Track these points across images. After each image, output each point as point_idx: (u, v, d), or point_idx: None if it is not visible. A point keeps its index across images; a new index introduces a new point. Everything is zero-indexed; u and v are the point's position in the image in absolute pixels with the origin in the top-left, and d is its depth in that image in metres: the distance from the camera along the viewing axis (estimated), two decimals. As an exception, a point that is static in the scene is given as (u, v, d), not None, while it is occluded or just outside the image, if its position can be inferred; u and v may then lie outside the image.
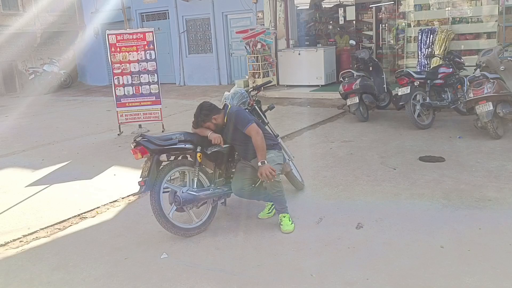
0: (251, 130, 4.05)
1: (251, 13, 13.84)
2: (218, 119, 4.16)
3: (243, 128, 4.06)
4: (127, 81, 8.46)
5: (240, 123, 4.10)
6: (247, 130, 4.05)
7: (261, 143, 4.02)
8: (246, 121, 4.08)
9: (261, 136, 4.04)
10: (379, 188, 5.00)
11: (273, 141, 4.37)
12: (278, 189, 4.15)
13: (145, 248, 3.96)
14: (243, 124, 4.08)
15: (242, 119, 4.11)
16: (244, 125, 4.07)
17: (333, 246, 3.78)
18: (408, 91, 7.35)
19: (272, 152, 4.21)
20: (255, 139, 4.02)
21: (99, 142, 8.30)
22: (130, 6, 16.03)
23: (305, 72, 12.05)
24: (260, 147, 4.02)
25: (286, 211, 4.22)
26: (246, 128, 4.05)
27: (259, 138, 4.02)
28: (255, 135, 4.03)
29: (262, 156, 4.01)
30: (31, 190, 5.78)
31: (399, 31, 11.62)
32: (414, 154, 6.11)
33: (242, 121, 4.09)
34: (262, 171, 3.94)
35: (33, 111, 12.58)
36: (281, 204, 4.20)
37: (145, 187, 3.86)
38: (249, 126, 4.06)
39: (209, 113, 4.16)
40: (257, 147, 4.01)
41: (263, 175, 3.94)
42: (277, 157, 4.26)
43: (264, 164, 3.97)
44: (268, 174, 3.93)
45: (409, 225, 4.04)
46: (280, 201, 4.20)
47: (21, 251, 4.10)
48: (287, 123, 8.58)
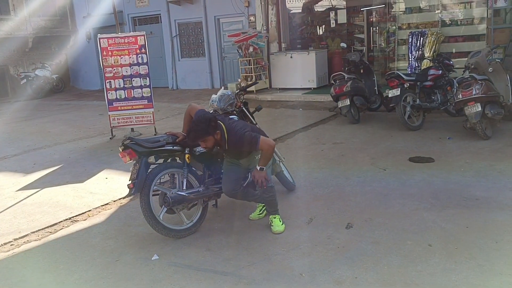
0: (263, 145, 3.84)
1: (243, 17, 13.90)
2: (218, 136, 3.86)
3: (256, 148, 3.87)
4: (119, 85, 8.47)
5: (250, 144, 3.86)
6: (260, 147, 3.85)
7: (271, 154, 3.95)
8: (255, 140, 3.82)
9: (273, 147, 3.92)
10: (369, 189, 5.05)
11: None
12: (271, 193, 4.18)
13: (136, 250, 3.98)
14: (253, 144, 3.84)
15: (250, 140, 3.84)
16: (255, 144, 3.83)
17: (323, 245, 3.81)
18: (398, 93, 7.41)
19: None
20: (269, 152, 3.88)
21: (91, 146, 8.29)
22: (123, 10, 16.06)
23: (297, 75, 12.12)
24: (269, 157, 3.93)
25: (277, 212, 4.24)
26: (258, 146, 3.84)
27: (271, 151, 3.90)
28: (267, 148, 3.85)
29: (264, 163, 3.90)
30: (22, 194, 5.77)
31: (390, 34, 11.72)
32: (404, 155, 6.17)
33: (251, 142, 3.84)
34: (257, 177, 3.87)
35: (24, 115, 12.53)
36: (273, 207, 4.23)
37: (134, 190, 3.88)
38: (260, 142, 3.82)
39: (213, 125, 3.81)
40: (267, 157, 3.89)
41: (257, 181, 3.88)
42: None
43: (262, 170, 3.89)
44: (263, 181, 3.87)
45: (398, 224, 4.09)
46: (271, 204, 4.22)
47: (12, 254, 4.09)
48: (279, 126, 8.62)
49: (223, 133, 3.85)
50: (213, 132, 3.78)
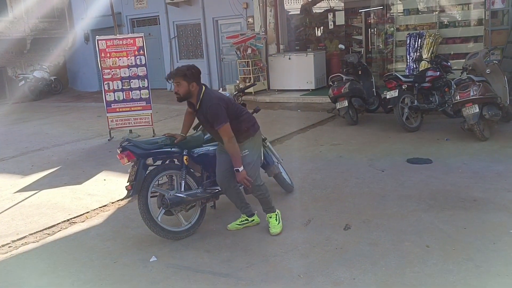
0: (223, 132, 3.82)
1: (241, 18, 13.90)
2: (194, 88, 3.87)
3: (215, 125, 3.82)
4: (117, 87, 8.47)
5: (213, 118, 3.83)
6: (220, 130, 3.82)
7: (233, 150, 3.83)
8: (220, 120, 3.80)
9: (233, 142, 3.83)
10: (367, 190, 5.06)
11: (250, 123, 4.10)
12: (261, 192, 4.11)
13: (134, 252, 3.98)
14: (216, 121, 3.81)
15: (215, 114, 3.82)
16: (217, 122, 3.81)
17: (321, 247, 3.82)
18: (396, 94, 7.43)
19: (246, 145, 4.02)
20: (227, 146, 3.83)
21: (89, 147, 8.29)
22: (121, 12, 16.05)
23: (295, 76, 12.13)
24: (233, 153, 3.84)
25: (272, 210, 4.19)
26: (219, 128, 3.81)
27: (231, 145, 3.82)
28: (226, 142, 3.82)
29: (237, 163, 3.85)
30: (20, 196, 5.76)
31: (388, 35, 11.76)
32: (402, 156, 6.18)
33: (216, 117, 3.81)
34: (238, 179, 3.90)
35: (22, 117, 12.52)
36: (266, 204, 4.19)
37: (132, 191, 3.89)
38: (222, 126, 3.81)
39: (194, 74, 3.87)
40: (231, 154, 3.85)
41: (241, 182, 3.91)
42: (251, 155, 4.04)
43: (238, 172, 3.85)
44: (246, 182, 3.86)
45: (396, 226, 4.10)
46: (264, 202, 4.18)
47: (10, 256, 4.09)
48: (277, 127, 8.63)
49: (200, 93, 3.88)
50: (189, 79, 3.82)
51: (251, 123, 4.11)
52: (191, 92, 3.87)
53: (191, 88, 3.86)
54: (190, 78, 3.83)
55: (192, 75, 3.85)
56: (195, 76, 3.87)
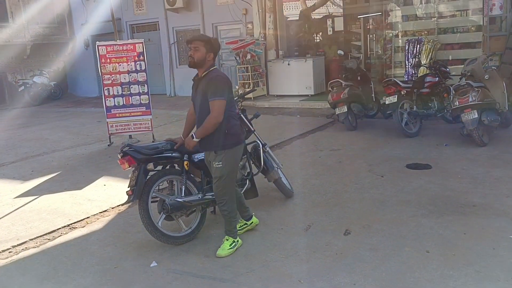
0: (215, 107, 3.60)
1: (240, 24, 13.96)
2: (209, 59, 3.74)
3: (210, 96, 3.61)
4: (117, 92, 8.50)
5: (213, 88, 3.62)
6: (212, 103, 3.60)
7: (210, 127, 3.65)
8: (218, 93, 3.60)
9: (216, 123, 3.63)
10: (367, 195, 5.07)
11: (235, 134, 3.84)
12: (227, 209, 3.88)
13: (134, 257, 3.98)
14: (214, 93, 3.61)
15: (217, 86, 3.63)
16: (214, 94, 3.60)
17: (321, 252, 3.82)
18: (395, 100, 7.47)
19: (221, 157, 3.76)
20: (209, 120, 3.62)
21: (89, 153, 8.30)
22: (121, 17, 16.10)
23: (294, 82, 12.17)
24: (207, 129, 3.67)
25: (233, 235, 3.93)
26: (213, 100, 3.60)
27: (212, 122, 3.62)
28: (213, 117, 3.61)
29: (199, 132, 3.72)
30: (20, 201, 5.76)
31: (386, 41, 11.81)
32: (402, 161, 6.20)
33: (215, 89, 3.62)
34: (187, 142, 3.82)
35: (22, 122, 12.52)
36: (230, 226, 3.95)
37: (133, 196, 3.90)
38: (218, 100, 3.59)
39: (215, 47, 3.77)
40: (205, 127, 3.67)
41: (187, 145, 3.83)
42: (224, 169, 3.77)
43: (191, 138, 3.75)
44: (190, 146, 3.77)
45: (396, 231, 4.11)
46: (228, 222, 3.94)
47: (10, 261, 4.09)
48: (277, 133, 8.65)
49: (212, 66, 3.78)
50: (209, 48, 3.72)
51: (236, 134, 3.85)
52: (205, 62, 3.73)
53: (207, 58, 3.73)
54: (210, 48, 3.73)
55: (213, 46, 3.76)
56: (215, 49, 3.78)
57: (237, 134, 3.86)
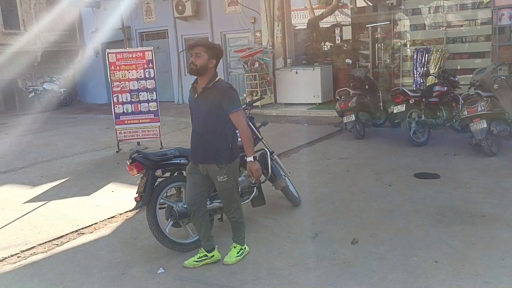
0: (239, 117, 3.52)
1: (249, 33, 14.03)
2: (212, 66, 3.60)
3: (232, 108, 3.50)
4: (126, 99, 8.56)
5: (230, 100, 3.51)
6: (236, 114, 3.51)
7: (250, 135, 3.56)
8: (238, 104, 3.53)
9: (248, 131, 3.57)
10: (375, 204, 5.05)
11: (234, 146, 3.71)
12: (236, 216, 3.86)
13: (142, 263, 3.99)
14: (233, 104, 3.51)
15: (233, 96, 3.54)
16: (234, 106, 3.51)
17: (329, 261, 3.81)
18: (404, 109, 7.45)
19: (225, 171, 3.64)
20: (245, 129, 3.52)
21: (97, 159, 8.35)
22: (130, 25, 16.25)
23: (302, 90, 12.19)
24: (249, 139, 3.54)
25: (241, 242, 3.93)
26: (236, 111, 3.50)
27: (247, 130, 3.55)
28: (245, 125, 3.53)
29: (250, 150, 3.57)
30: (29, 207, 5.81)
31: (395, 50, 11.81)
32: (410, 171, 6.17)
33: (233, 100, 3.52)
34: (253, 169, 3.59)
35: (32, 128, 12.64)
36: (238, 232, 3.91)
37: (141, 203, 3.92)
38: (239, 110, 3.53)
39: (218, 53, 3.63)
40: (246, 139, 3.53)
41: (253, 173, 3.61)
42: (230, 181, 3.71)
43: (254, 161, 3.59)
44: (258, 174, 3.60)
45: (404, 240, 4.09)
46: (237, 228, 3.91)
47: (19, 266, 4.12)
48: (284, 141, 8.66)
49: (214, 75, 3.61)
50: (212, 54, 3.57)
51: (237, 148, 3.76)
52: (207, 69, 3.58)
53: (209, 64, 3.58)
54: (212, 54, 3.59)
55: (216, 52, 3.62)
56: (217, 55, 3.64)
57: (237, 148, 3.77)
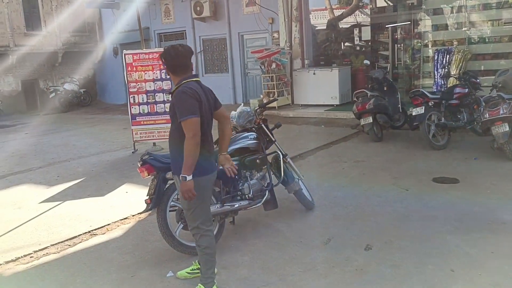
0: (188, 126, 2.99)
1: (266, 33, 13.99)
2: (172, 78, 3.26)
3: (180, 116, 3.02)
4: (143, 100, 8.60)
5: (178, 107, 3.04)
6: (184, 123, 3.00)
7: (192, 151, 2.99)
8: (187, 111, 2.99)
9: (195, 142, 2.99)
10: (390, 209, 4.93)
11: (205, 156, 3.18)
12: (202, 245, 3.24)
13: (152, 266, 3.96)
14: (183, 112, 3.01)
15: (182, 103, 3.02)
16: (182, 113, 3.01)
17: (341, 267, 3.72)
18: (423, 111, 7.29)
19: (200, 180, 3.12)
20: (188, 143, 2.98)
21: (113, 159, 8.40)
22: (149, 26, 16.40)
23: (320, 91, 12.07)
24: (190, 155, 2.98)
25: (206, 283, 3.28)
26: (184, 119, 3.00)
27: (192, 143, 2.98)
28: (190, 138, 2.97)
29: (187, 168, 2.99)
30: (44, 206, 5.86)
31: (415, 51, 11.59)
32: (428, 175, 6.01)
33: (181, 106, 3.02)
34: (183, 188, 3.04)
35: (52, 128, 12.84)
36: (205, 266, 3.30)
37: (152, 205, 3.90)
38: (189, 118, 2.98)
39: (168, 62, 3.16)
40: (186, 154, 2.99)
41: (183, 194, 3.07)
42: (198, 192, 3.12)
43: (185, 180, 3.00)
44: (188, 195, 3.05)
45: (420, 248, 3.96)
46: (204, 262, 3.30)
47: (31, 266, 4.14)
48: (300, 143, 8.57)
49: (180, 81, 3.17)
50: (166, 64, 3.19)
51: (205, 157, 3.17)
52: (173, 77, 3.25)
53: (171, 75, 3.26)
54: (166, 64, 3.20)
55: (166, 62, 3.20)
56: (170, 66, 3.19)
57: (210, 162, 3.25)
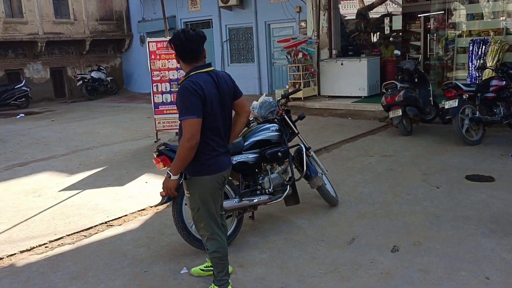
0: (186, 127, 2.78)
1: (294, 22, 13.68)
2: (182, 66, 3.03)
3: (179, 114, 2.86)
4: (165, 89, 8.48)
5: (179, 104, 2.85)
6: (182, 123, 2.83)
7: (185, 155, 2.80)
8: (188, 110, 2.78)
9: (190, 146, 2.78)
10: (419, 208, 4.64)
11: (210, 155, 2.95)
12: (211, 249, 3.06)
13: (166, 261, 3.82)
14: (180, 110, 2.83)
15: (182, 101, 2.82)
16: (180, 111, 2.83)
17: (365, 270, 3.48)
18: (456, 104, 6.91)
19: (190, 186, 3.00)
20: (182, 144, 2.79)
21: (135, 148, 8.33)
22: (176, 15, 16.31)
23: (347, 82, 11.71)
24: (181, 157, 2.81)
25: (219, 284, 3.12)
26: (182, 119, 2.81)
27: (187, 146, 2.77)
28: (185, 140, 2.77)
29: (175, 168, 2.86)
30: (64, 195, 5.81)
31: (448, 41, 11.08)
32: (461, 172, 5.67)
33: (181, 105, 2.83)
34: (164, 183, 2.94)
35: (77, 116, 12.93)
36: (218, 269, 3.12)
37: (167, 198, 3.74)
38: (189, 119, 2.78)
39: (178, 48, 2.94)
40: (178, 155, 2.83)
41: (164, 189, 2.97)
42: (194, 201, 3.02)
43: (169, 178, 2.89)
44: (168, 192, 2.94)
45: (451, 251, 3.68)
46: (216, 264, 3.12)
47: (45, 257, 4.05)
48: (325, 135, 8.30)
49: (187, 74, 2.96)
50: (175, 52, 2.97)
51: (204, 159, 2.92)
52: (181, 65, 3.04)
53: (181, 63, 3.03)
54: (175, 50, 2.97)
55: (175, 48, 2.96)
56: (176, 49, 2.95)
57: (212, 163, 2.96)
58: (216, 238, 3.06)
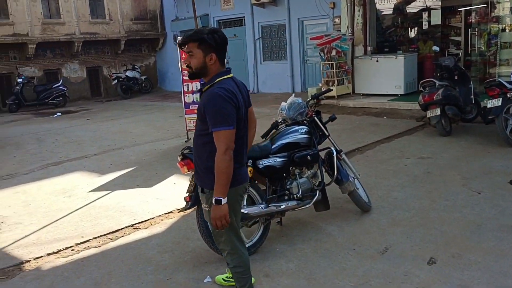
0: (221, 139, 2.53)
1: (327, 19, 13.38)
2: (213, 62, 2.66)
3: (212, 126, 2.56)
4: (196, 88, 8.40)
5: (211, 114, 2.57)
6: (216, 134, 2.55)
7: (226, 168, 2.53)
8: (222, 120, 2.53)
9: (229, 158, 2.53)
10: (459, 216, 4.35)
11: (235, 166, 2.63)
12: (232, 263, 2.88)
13: (190, 268, 3.71)
14: (213, 120, 2.55)
15: (217, 111, 2.55)
16: (213, 122, 2.55)
17: (398, 283, 3.25)
18: (500, 104, 6.51)
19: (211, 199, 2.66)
20: (220, 158, 2.52)
21: (166, 148, 8.31)
22: (208, 13, 16.29)
23: (383, 80, 11.33)
24: (223, 172, 2.53)
25: None
26: (217, 130, 2.54)
27: (226, 159, 2.52)
28: (221, 153, 2.52)
29: (220, 189, 2.55)
30: (93, 196, 5.82)
31: (491, 36, 10.53)
32: (505, 176, 5.31)
33: (214, 114, 2.55)
34: (215, 215, 2.58)
35: (112, 115, 13.11)
36: (239, 285, 2.94)
37: (191, 203, 3.64)
38: (223, 130, 2.53)
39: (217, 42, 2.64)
40: (217, 171, 2.53)
41: (215, 221, 2.60)
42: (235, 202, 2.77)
43: (219, 204, 2.55)
44: (221, 222, 2.59)
45: (494, 265, 3.40)
46: (238, 280, 2.93)
47: (70, 260, 4.03)
48: (359, 135, 8.02)
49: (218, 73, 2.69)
50: (207, 47, 2.63)
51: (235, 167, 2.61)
52: (207, 67, 2.67)
53: (207, 61, 2.65)
54: (208, 46, 2.63)
55: (213, 42, 2.63)
56: (218, 45, 2.66)
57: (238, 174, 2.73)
58: (238, 252, 2.87)
